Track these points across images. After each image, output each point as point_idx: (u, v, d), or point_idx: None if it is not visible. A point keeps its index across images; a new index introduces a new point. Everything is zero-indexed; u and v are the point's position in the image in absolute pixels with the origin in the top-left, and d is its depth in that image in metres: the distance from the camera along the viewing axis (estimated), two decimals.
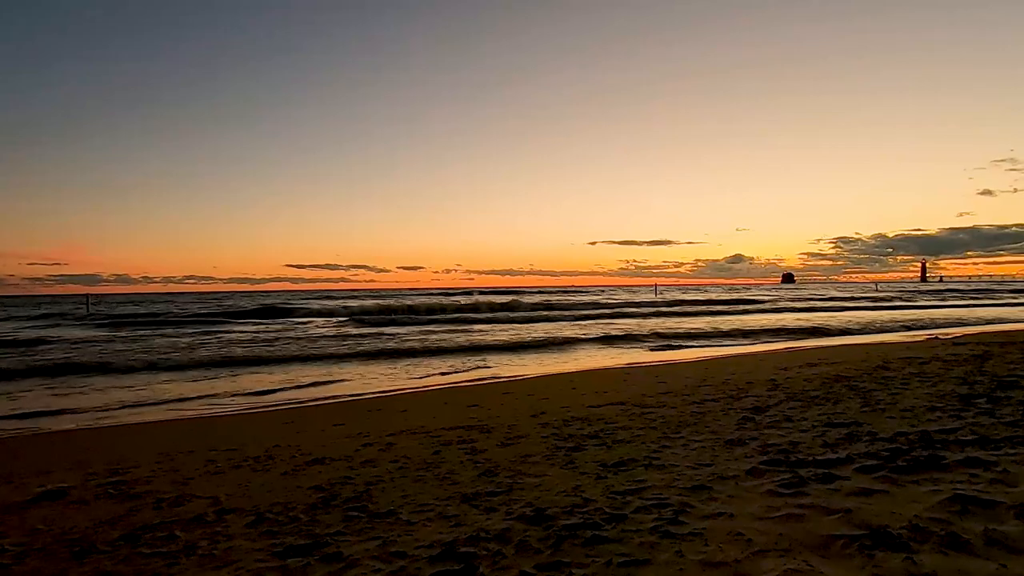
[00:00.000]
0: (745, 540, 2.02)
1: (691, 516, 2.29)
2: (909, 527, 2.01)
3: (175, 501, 3.01)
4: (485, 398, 6.21)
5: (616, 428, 4.13)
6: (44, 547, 2.45)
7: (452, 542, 2.18)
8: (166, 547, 2.36)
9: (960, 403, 4.14)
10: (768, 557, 1.89)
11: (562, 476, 3.01)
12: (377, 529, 2.41)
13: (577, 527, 2.24)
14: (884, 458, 2.86)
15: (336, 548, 2.22)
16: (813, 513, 2.22)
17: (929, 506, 2.20)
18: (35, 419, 6.28)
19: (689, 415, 4.44)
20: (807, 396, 4.91)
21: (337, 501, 2.84)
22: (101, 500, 3.12)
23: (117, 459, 4.08)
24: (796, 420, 3.98)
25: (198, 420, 5.96)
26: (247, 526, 2.56)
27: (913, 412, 3.95)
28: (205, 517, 2.71)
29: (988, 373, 5.52)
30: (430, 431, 4.48)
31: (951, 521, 2.04)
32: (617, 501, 2.53)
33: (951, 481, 2.47)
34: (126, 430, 5.56)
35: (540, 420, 4.65)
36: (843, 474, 2.68)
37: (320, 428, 4.96)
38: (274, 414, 6.10)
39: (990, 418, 3.59)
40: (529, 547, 2.10)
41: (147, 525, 2.64)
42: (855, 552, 1.87)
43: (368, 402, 6.64)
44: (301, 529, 2.47)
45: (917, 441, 3.14)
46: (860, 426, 3.63)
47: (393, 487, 3.03)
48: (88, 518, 2.82)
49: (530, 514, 2.42)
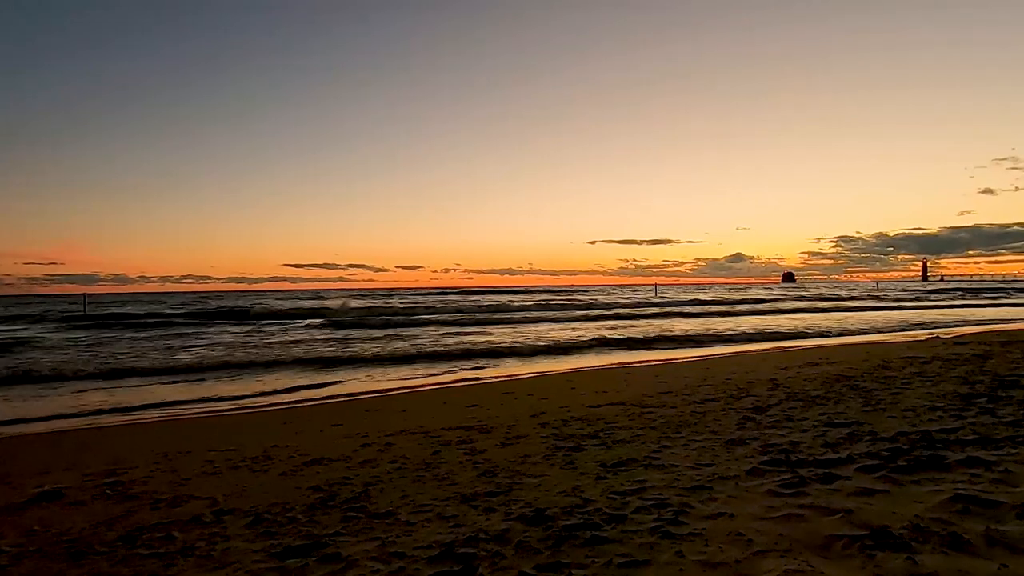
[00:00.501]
0: (745, 540, 2.02)
1: (691, 516, 2.29)
2: (910, 527, 2.01)
3: (173, 502, 3.01)
4: (484, 398, 6.21)
5: (616, 428, 4.13)
6: (41, 548, 2.45)
7: (451, 543, 2.18)
8: (163, 548, 2.36)
9: (961, 402, 4.14)
10: (768, 557, 1.89)
11: (562, 476, 3.01)
12: (376, 530, 2.41)
13: (577, 527, 2.24)
14: (885, 458, 2.86)
15: (335, 549, 2.22)
16: (814, 513, 2.23)
17: (930, 506, 2.20)
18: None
19: (689, 415, 4.44)
20: (808, 396, 4.91)
21: (336, 502, 2.84)
22: (98, 501, 3.12)
23: (114, 459, 4.08)
24: (797, 420, 3.98)
25: (197, 420, 5.95)
26: (245, 527, 2.56)
27: (914, 412, 3.95)
28: (203, 518, 2.71)
29: (989, 372, 5.53)
30: (429, 431, 4.48)
31: (952, 521, 2.05)
32: (617, 501, 2.53)
33: (952, 481, 2.47)
34: (124, 430, 5.55)
35: (540, 420, 4.65)
36: (844, 474, 2.68)
37: (318, 428, 4.96)
38: (272, 414, 6.10)
39: (991, 417, 3.59)
40: (529, 548, 2.10)
41: (144, 526, 2.64)
42: (856, 552, 1.87)
43: (366, 402, 6.64)
44: (299, 530, 2.47)
45: (918, 441, 3.14)
46: (861, 426, 3.63)
47: (392, 487, 3.03)
48: (85, 519, 2.81)
49: (530, 514, 2.42)
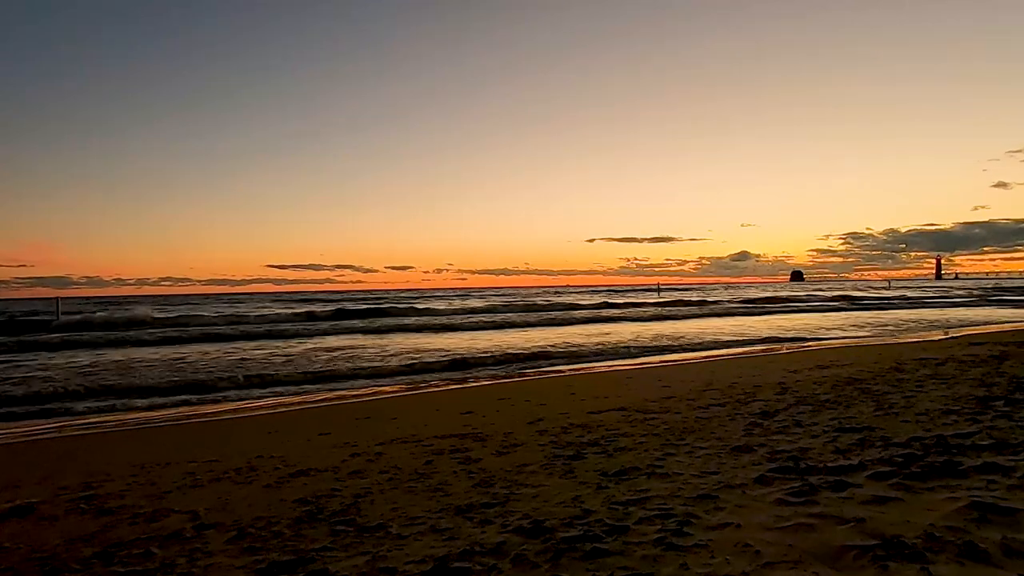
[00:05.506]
0: (753, 551, 2.03)
1: (696, 527, 2.30)
2: (924, 536, 2.02)
3: (151, 516, 2.99)
4: (480, 404, 6.20)
5: (617, 435, 4.14)
6: (13, 567, 2.43)
7: (445, 557, 2.18)
8: (142, 565, 2.34)
9: (977, 406, 4.17)
10: (777, 569, 1.89)
11: (561, 486, 3.01)
12: (366, 544, 2.40)
13: (577, 539, 2.24)
14: (898, 464, 2.88)
15: (322, 564, 2.21)
16: (824, 523, 2.24)
17: (945, 514, 2.21)
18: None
19: (693, 421, 4.45)
20: (817, 400, 4.93)
21: (323, 515, 2.83)
22: (73, 516, 3.10)
23: (89, 472, 4.05)
24: (806, 425, 3.99)
25: (175, 429, 5.93)
26: (228, 542, 2.55)
27: (928, 416, 3.97)
28: (183, 533, 2.70)
29: (1006, 374, 5.57)
30: (422, 440, 4.47)
31: (968, 530, 2.06)
32: (619, 512, 2.53)
33: (968, 488, 2.49)
34: (100, 440, 5.52)
35: (537, 427, 4.65)
36: (855, 481, 2.69)
37: (305, 437, 4.95)
38: (258, 420, 6.08)
39: (1008, 421, 3.62)
40: (526, 561, 2.10)
41: (122, 542, 2.63)
42: (868, 563, 1.88)
43: (356, 409, 6.63)
44: (285, 544, 2.46)
45: (932, 446, 3.16)
46: (873, 431, 3.65)
47: (383, 499, 3.03)
48: (59, 535, 2.79)
49: (527, 526, 2.42)
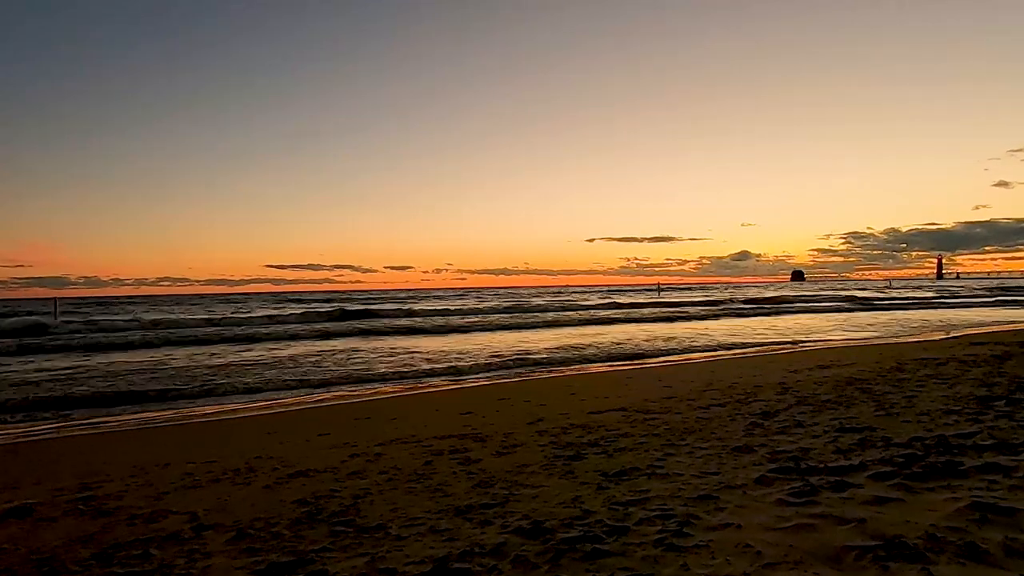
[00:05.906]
0: (754, 552, 2.03)
1: (697, 527, 2.30)
2: (925, 537, 2.03)
3: (150, 517, 2.99)
4: (479, 405, 6.21)
5: (617, 435, 4.14)
6: (10, 568, 2.43)
7: (445, 557, 2.18)
8: (140, 566, 2.35)
9: (978, 406, 4.17)
10: (778, 570, 1.90)
11: (561, 487, 3.02)
12: (365, 545, 2.40)
13: (577, 540, 2.24)
14: (899, 464, 2.88)
15: (321, 565, 2.21)
16: (825, 523, 2.24)
17: (946, 515, 2.22)
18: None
19: (694, 421, 4.46)
20: (818, 400, 4.94)
21: (322, 515, 2.83)
22: (71, 517, 3.10)
23: (87, 472, 4.05)
24: (807, 425, 4.00)
25: (173, 429, 5.92)
26: (227, 543, 2.55)
27: (929, 416, 3.98)
28: (182, 534, 2.70)
29: (1007, 374, 5.57)
30: (421, 440, 4.48)
31: (969, 530, 2.06)
32: (619, 512, 2.53)
33: (969, 488, 2.49)
34: (98, 440, 5.52)
35: (537, 428, 4.66)
36: (856, 482, 2.70)
37: (304, 438, 4.95)
38: (256, 421, 6.08)
39: (1010, 421, 3.63)
40: (526, 562, 2.10)
41: (120, 543, 2.63)
42: (869, 564, 1.88)
43: (355, 409, 6.63)
44: (284, 545, 2.46)
45: (933, 446, 3.17)
46: (874, 431, 3.66)
47: (382, 500, 3.03)
48: (57, 536, 2.79)
49: (527, 527, 2.43)
